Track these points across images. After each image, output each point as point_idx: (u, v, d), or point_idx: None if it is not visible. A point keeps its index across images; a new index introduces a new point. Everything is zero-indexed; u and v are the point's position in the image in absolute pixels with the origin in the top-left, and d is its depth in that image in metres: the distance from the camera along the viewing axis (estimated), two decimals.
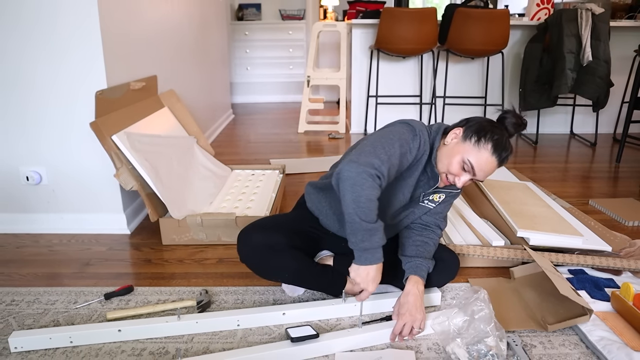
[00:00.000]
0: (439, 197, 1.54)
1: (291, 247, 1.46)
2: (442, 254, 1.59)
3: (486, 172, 1.36)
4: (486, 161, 1.33)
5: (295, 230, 1.54)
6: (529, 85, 3.61)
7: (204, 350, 1.31)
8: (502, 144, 1.33)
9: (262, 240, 1.42)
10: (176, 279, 1.72)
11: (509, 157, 1.37)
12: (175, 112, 2.52)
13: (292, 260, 1.45)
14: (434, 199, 1.54)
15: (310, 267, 1.51)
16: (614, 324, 1.38)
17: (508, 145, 1.35)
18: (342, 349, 1.31)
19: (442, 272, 1.57)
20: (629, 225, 2.17)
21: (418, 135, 1.38)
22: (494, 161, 1.34)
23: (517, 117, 1.39)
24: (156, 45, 2.54)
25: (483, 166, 1.34)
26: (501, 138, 1.34)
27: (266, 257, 1.43)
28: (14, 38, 1.87)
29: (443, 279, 1.59)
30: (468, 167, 1.35)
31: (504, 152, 1.34)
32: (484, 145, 1.33)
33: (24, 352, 1.31)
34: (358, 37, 3.95)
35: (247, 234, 1.45)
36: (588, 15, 3.26)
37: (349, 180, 1.23)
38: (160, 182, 1.94)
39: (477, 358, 1.22)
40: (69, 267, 1.81)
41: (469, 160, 1.34)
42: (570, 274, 1.67)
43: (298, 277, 1.49)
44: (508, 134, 1.37)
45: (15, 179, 2.06)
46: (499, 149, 1.33)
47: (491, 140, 1.33)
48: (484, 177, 1.37)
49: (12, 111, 1.97)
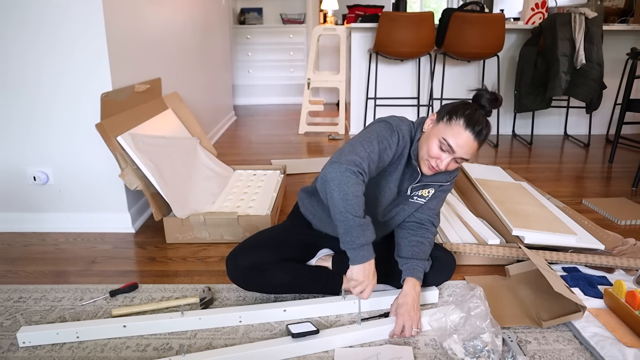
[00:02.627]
0: (428, 192, 1.52)
1: (280, 261, 1.46)
2: (438, 254, 1.58)
3: (464, 147, 1.30)
4: (461, 136, 1.29)
5: (285, 241, 1.54)
6: (524, 87, 3.61)
7: (207, 346, 1.32)
8: (474, 118, 1.30)
9: (248, 261, 1.42)
10: (180, 276, 1.72)
11: (484, 131, 1.31)
12: (179, 113, 2.52)
13: (282, 274, 1.46)
14: (423, 194, 1.52)
15: (304, 274, 1.51)
16: (607, 320, 1.39)
17: (482, 120, 1.31)
18: (341, 344, 1.31)
19: (438, 272, 1.56)
20: (621, 224, 2.17)
21: (395, 131, 1.38)
22: (468, 135, 1.29)
23: (491, 93, 1.34)
24: (160, 49, 2.54)
25: (459, 142, 1.30)
26: (473, 113, 1.30)
27: (256, 277, 1.44)
28: (21, 42, 1.87)
29: (439, 278, 1.59)
30: (445, 147, 1.32)
31: (477, 126, 1.29)
32: (456, 121, 1.30)
33: (32, 347, 1.31)
34: (357, 40, 3.95)
35: (234, 258, 1.45)
36: (581, 19, 3.26)
37: (334, 181, 1.23)
38: (164, 182, 1.94)
39: (473, 354, 1.22)
40: (75, 265, 1.81)
41: (444, 138, 1.31)
42: (564, 272, 1.67)
43: (293, 287, 1.50)
44: (484, 111, 1.34)
45: (23, 179, 2.06)
46: (471, 123, 1.29)
47: (462, 115, 1.30)
48: (465, 154, 1.32)
49: (20, 113, 1.97)
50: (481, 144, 1.33)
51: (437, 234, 1.59)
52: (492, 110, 1.35)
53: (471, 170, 2.42)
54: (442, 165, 1.34)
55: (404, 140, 1.40)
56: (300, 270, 1.52)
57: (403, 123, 1.43)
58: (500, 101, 1.35)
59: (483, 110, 1.34)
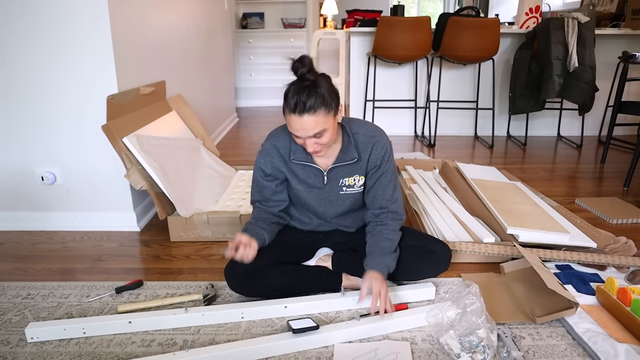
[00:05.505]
0: (355, 180, 1.49)
1: (277, 265, 1.46)
2: (433, 246, 1.57)
3: (300, 129, 1.29)
4: (295, 123, 1.28)
5: (281, 245, 1.54)
6: (518, 90, 3.60)
7: (210, 342, 1.32)
8: (293, 101, 1.26)
9: (246, 269, 1.41)
10: (183, 274, 1.72)
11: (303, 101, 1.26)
12: (183, 115, 2.52)
13: (280, 277, 1.46)
14: (350, 183, 1.49)
15: (302, 276, 1.51)
16: (599, 316, 1.39)
17: (295, 94, 1.26)
18: (340, 340, 1.31)
19: (433, 264, 1.56)
20: (613, 223, 2.17)
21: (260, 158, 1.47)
22: (295, 118, 1.27)
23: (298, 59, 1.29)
24: (165, 52, 2.54)
25: (297, 127, 1.28)
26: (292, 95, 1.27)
27: (254, 284, 1.45)
28: (29, 45, 1.87)
29: (435, 270, 1.59)
30: (297, 136, 1.33)
31: (299, 105, 1.26)
32: (287, 112, 1.29)
33: (40, 342, 1.31)
34: (356, 44, 3.95)
35: (231, 267, 1.45)
36: (574, 24, 3.26)
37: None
38: (169, 182, 1.94)
39: (469, 349, 1.22)
40: (81, 263, 1.81)
41: (291, 132, 1.33)
42: (557, 269, 1.67)
43: (293, 290, 1.49)
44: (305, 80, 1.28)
45: (31, 179, 2.06)
46: (292, 106, 1.27)
47: (286, 104, 1.29)
48: (306, 132, 1.29)
49: (28, 115, 1.97)
50: (312, 111, 1.26)
51: (402, 220, 1.53)
52: (312, 68, 1.29)
53: (467, 170, 2.42)
54: (310, 148, 1.34)
55: (274, 150, 1.45)
56: (298, 272, 1.52)
57: (270, 138, 1.48)
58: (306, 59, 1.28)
59: (304, 80, 1.28)
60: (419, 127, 4.09)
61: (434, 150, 3.57)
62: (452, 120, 4.03)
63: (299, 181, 1.48)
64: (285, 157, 1.46)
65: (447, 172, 2.58)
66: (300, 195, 1.51)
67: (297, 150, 1.44)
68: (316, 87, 1.27)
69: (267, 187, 1.50)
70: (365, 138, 1.45)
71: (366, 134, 1.46)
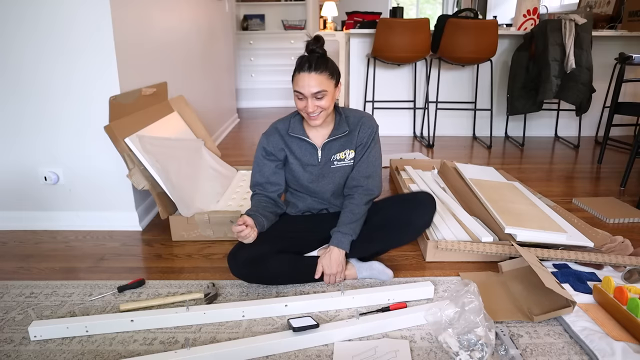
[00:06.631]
0: (345, 154, 1.60)
1: (277, 253, 1.51)
2: (416, 194, 1.67)
3: (306, 84, 1.44)
4: (300, 79, 1.44)
5: (282, 234, 1.58)
6: (516, 91, 3.61)
7: (211, 340, 1.32)
8: (302, 60, 1.45)
9: (247, 255, 1.47)
10: (185, 272, 1.72)
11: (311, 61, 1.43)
12: (184, 116, 2.52)
13: (280, 264, 1.50)
14: (341, 157, 1.60)
15: (301, 264, 1.56)
16: (596, 315, 1.39)
17: (311, 58, 1.45)
18: (340, 338, 1.31)
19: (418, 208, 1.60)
20: (609, 223, 2.17)
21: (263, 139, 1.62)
22: (303, 74, 1.44)
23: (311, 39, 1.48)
24: (166, 54, 2.54)
25: (300, 84, 1.44)
26: (301, 58, 1.46)
27: (255, 269, 1.49)
28: (32, 46, 1.87)
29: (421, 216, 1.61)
30: (299, 95, 1.46)
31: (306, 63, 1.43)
32: (295, 74, 1.47)
33: (43, 340, 1.31)
34: (356, 46, 3.95)
35: (234, 253, 1.49)
36: (571, 26, 3.26)
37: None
38: (170, 182, 1.94)
39: (468, 347, 1.22)
40: (84, 262, 1.81)
41: (295, 90, 1.47)
42: (554, 268, 1.67)
43: (293, 277, 1.55)
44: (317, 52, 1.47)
45: (34, 179, 2.06)
46: (301, 64, 1.44)
47: (296, 66, 1.47)
48: (311, 88, 1.44)
49: (31, 116, 1.97)
50: (319, 70, 1.43)
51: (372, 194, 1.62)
52: (322, 46, 1.48)
53: (465, 170, 2.42)
54: (309, 109, 1.46)
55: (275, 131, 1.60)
56: (297, 261, 1.56)
57: (273, 123, 1.64)
58: (320, 39, 1.48)
59: (315, 53, 1.47)
60: (418, 127, 4.09)
61: (432, 150, 3.57)
62: (450, 121, 4.03)
63: (295, 158, 1.60)
64: (284, 135, 1.60)
65: (445, 172, 2.58)
66: (297, 174, 1.62)
67: (295, 127, 1.59)
68: (324, 57, 1.48)
69: (267, 165, 1.61)
70: (355, 118, 1.62)
71: (356, 115, 1.63)
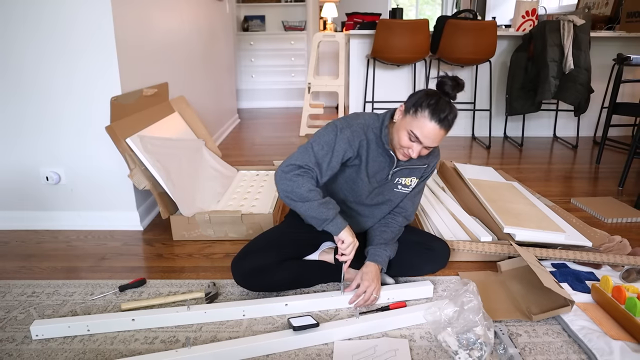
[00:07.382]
0: (411, 181, 1.54)
1: (281, 261, 1.49)
2: (433, 243, 1.62)
3: (431, 137, 1.33)
4: (427, 127, 1.32)
5: (285, 241, 1.56)
6: (515, 91, 3.60)
7: (212, 339, 1.32)
8: (438, 108, 1.31)
9: (251, 265, 1.46)
10: (186, 272, 1.72)
11: (450, 117, 1.32)
12: (185, 116, 2.52)
13: (284, 273, 1.49)
14: (406, 183, 1.54)
15: (305, 271, 1.55)
16: (594, 314, 1.39)
17: (446, 107, 1.31)
18: (340, 337, 1.31)
19: (432, 260, 1.61)
20: (608, 222, 2.17)
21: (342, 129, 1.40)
22: (434, 126, 1.31)
23: (452, 79, 1.35)
24: (167, 54, 2.54)
25: (426, 133, 1.32)
26: (436, 103, 1.31)
27: (259, 279, 1.47)
28: (33, 47, 1.87)
29: (433, 267, 1.63)
30: (414, 138, 1.35)
31: (442, 114, 1.30)
32: (422, 113, 1.32)
33: (44, 339, 1.31)
34: (355, 46, 3.95)
35: (237, 262, 1.48)
36: (570, 27, 3.26)
37: (279, 186, 1.37)
38: (171, 182, 1.94)
39: (467, 346, 1.22)
40: (86, 261, 1.81)
41: (412, 131, 1.34)
42: (553, 268, 1.67)
43: (296, 284, 1.54)
44: (448, 97, 1.34)
45: (36, 179, 2.06)
46: (436, 113, 1.30)
47: (427, 107, 1.31)
48: (432, 142, 1.35)
49: (33, 116, 1.97)
50: (448, 129, 1.34)
51: (410, 221, 1.62)
52: (456, 95, 1.35)
53: (464, 170, 2.42)
54: (413, 154, 1.38)
55: (362, 132, 1.43)
56: (301, 268, 1.54)
57: (359, 118, 1.46)
58: (462, 85, 1.35)
59: (447, 97, 1.34)
60: None
61: None
62: None
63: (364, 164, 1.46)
64: (370, 141, 1.44)
65: (445, 172, 2.58)
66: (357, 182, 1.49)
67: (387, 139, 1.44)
68: (454, 109, 1.35)
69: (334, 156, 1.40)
70: (435, 149, 1.53)
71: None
